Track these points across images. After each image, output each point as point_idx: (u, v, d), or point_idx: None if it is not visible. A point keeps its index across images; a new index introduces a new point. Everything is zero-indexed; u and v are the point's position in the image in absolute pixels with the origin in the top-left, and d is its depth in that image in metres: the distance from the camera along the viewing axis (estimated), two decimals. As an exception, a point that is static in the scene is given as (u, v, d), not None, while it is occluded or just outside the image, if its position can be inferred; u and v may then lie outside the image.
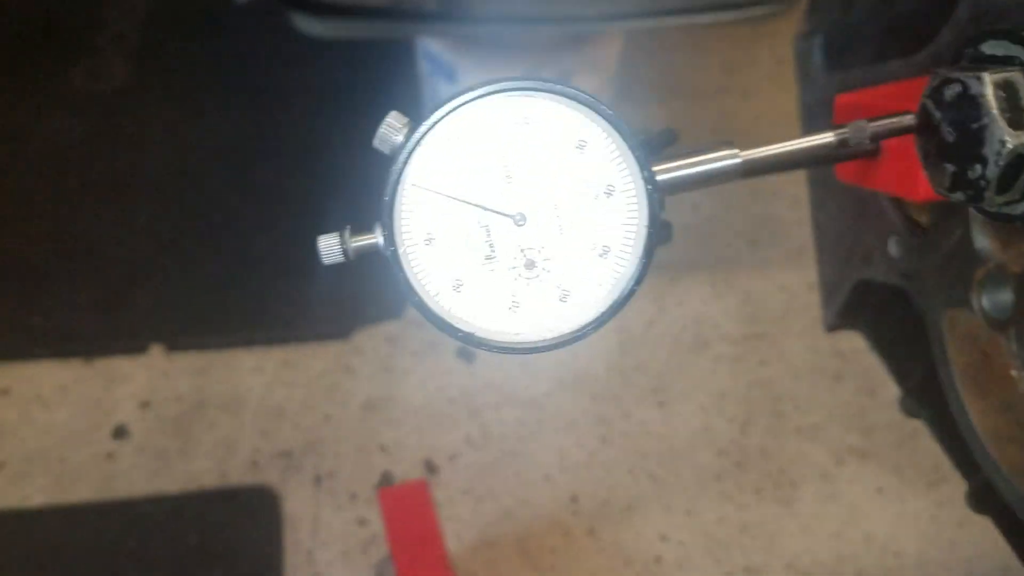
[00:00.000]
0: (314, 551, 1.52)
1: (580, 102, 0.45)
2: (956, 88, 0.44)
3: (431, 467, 1.64)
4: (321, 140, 2.21)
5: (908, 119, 0.48)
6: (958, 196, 0.45)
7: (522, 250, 0.46)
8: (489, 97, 0.44)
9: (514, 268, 0.46)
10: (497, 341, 0.47)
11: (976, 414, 0.65)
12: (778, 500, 1.59)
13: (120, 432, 1.66)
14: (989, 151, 0.42)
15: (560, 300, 0.47)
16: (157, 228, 2.03)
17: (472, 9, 1.64)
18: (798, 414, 1.69)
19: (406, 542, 1.34)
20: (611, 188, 0.45)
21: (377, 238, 0.45)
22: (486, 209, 0.45)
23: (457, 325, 0.47)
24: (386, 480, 1.62)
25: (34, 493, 1.58)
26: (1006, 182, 0.43)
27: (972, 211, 0.58)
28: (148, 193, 2.09)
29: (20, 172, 2.14)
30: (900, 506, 1.59)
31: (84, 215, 2.04)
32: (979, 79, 0.43)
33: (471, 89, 0.44)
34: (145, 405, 1.70)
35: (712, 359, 1.80)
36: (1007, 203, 0.45)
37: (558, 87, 0.44)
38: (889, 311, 0.73)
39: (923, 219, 0.68)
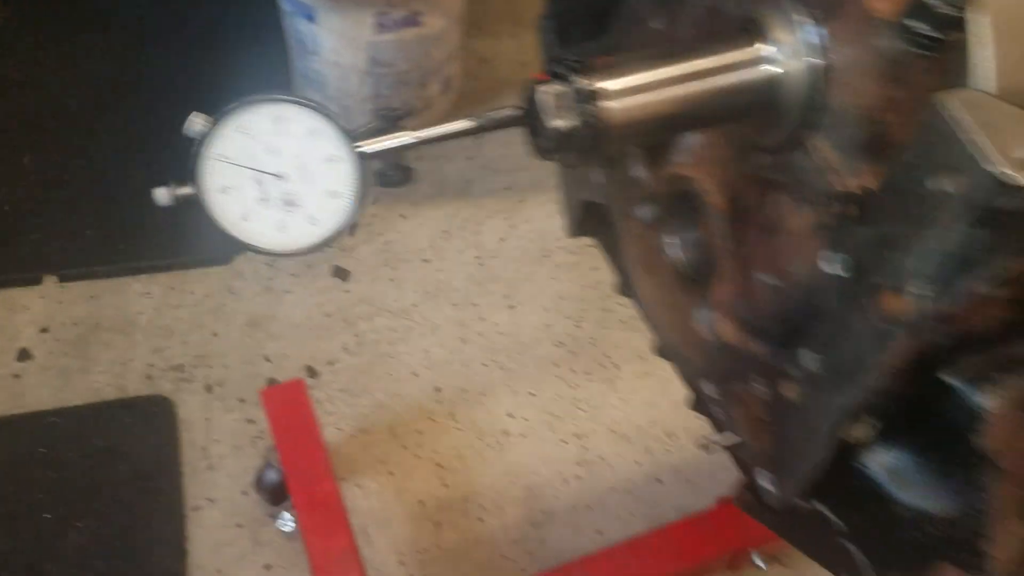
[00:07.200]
0: (208, 447, 1.75)
1: (311, 108, 0.71)
2: (530, 93, 0.67)
3: (312, 372, 1.88)
4: (191, 77, 2.35)
5: (516, 113, 0.70)
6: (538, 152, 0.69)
7: (284, 193, 0.69)
8: (253, 106, 0.68)
9: (279, 206, 0.70)
10: (272, 250, 0.73)
11: (643, 288, 0.92)
12: (604, 379, 1.90)
13: (24, 355, 1.84)
14: (546, 130, 0.66)
15: (311, 224, 0.72)
16: (41, 167, 2.16)
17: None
18: (622, 308, 1.99)
19: (288, 433, 1.58)
20: (334, 156, 0.70)
21: (192, 189, 0.69)
22: (259, 171, 0.69)
23: (247, 241, 0.73)
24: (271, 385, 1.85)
25: (-54, 413, 1.75)
26: (561, 147, 0.67)
27: (632, 150, 0.84)
28: (31, 134, 2.21)
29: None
30: (704, 379, 1.91)
31: (-32, 158, 2.15)
32: (536, 91, 0.65)
33: (245, 99, 0.70)
34: (44, 330, 1.88)
35: (554, 267, 2.08)
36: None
37: (297, 99, 0.70)
38: (605, 222, 0.98)
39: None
